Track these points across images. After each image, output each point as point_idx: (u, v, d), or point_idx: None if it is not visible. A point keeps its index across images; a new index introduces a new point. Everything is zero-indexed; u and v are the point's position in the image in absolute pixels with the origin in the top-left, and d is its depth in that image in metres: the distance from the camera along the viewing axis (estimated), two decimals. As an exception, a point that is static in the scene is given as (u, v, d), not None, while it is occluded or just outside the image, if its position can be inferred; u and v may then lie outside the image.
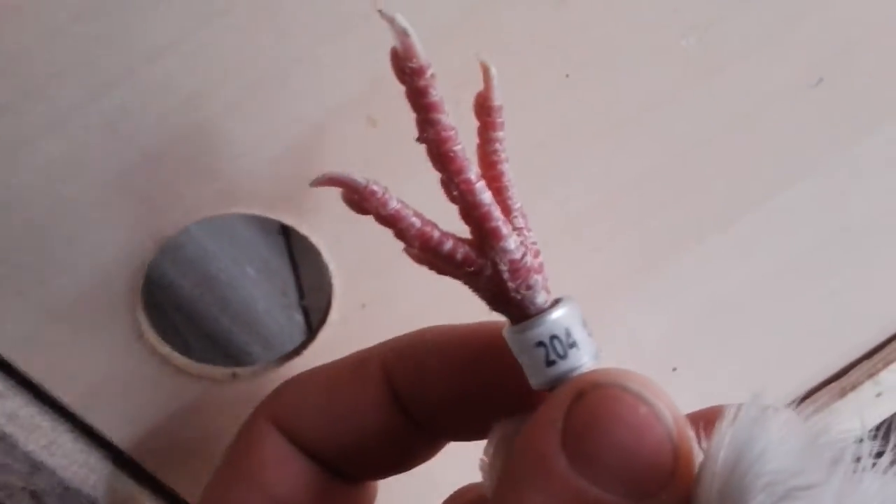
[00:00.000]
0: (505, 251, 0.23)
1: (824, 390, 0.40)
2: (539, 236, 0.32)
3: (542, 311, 0.23)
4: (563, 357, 0.22)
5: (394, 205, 0.23)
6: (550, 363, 0.22)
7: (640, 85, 0.30)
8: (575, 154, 0.31)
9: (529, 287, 0.23)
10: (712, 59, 0.30)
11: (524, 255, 0.23)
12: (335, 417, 0.26)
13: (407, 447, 0.27)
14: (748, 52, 0.31)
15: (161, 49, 0.25)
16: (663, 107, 0.31)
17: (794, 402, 0.21)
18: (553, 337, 0.22)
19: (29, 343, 0.28)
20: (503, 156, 0.24)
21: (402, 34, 0.22)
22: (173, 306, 0.57)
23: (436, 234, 0.23)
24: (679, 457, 0.20)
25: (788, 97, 0.32)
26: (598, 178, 0.32)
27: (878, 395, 0.39)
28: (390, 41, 0.22)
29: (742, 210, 0.34)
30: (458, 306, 0.25)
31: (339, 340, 0.30)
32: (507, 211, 0.24)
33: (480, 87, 0.24)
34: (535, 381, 0.23)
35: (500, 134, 0.24)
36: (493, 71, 0.23)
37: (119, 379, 0.30)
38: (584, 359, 0.22)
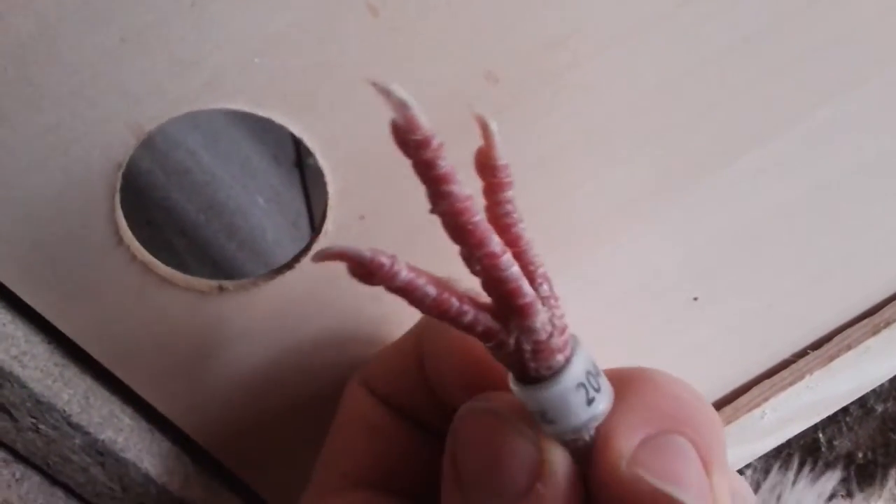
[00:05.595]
0: (532, 331, 0.21)
1: (856, 326, 0.38)
2: (554, 148, 0.30)
3: (554, 375, 0.21)
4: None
5: (405, 275, 0.20)
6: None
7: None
8: (597, 58, 0.28)
9: (550, 368, 0.21)
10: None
11: (550, 335, 0.21)
12: (400, 373, 0.29)
13: None
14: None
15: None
16: (690, 12, 0.28)
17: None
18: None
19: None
20: (516, 216, 0.22)
21: (402, 106, 0.19)
22: (177, 231, 0.55)
23: (454, 303, 0.21)
24: (543, 448, 0.21)
25: (824, 5, 0.29)
26: (620, 86, 0.29)
27: (913, 332, 0.37)
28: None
29: (772, 131, 0.32)
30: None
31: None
32: (531, 279, 0.22)
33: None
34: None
35: (509, 194, 0.22)
36: (494, 126, 0.21)
37: (97, 287, 0.28)
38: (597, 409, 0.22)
